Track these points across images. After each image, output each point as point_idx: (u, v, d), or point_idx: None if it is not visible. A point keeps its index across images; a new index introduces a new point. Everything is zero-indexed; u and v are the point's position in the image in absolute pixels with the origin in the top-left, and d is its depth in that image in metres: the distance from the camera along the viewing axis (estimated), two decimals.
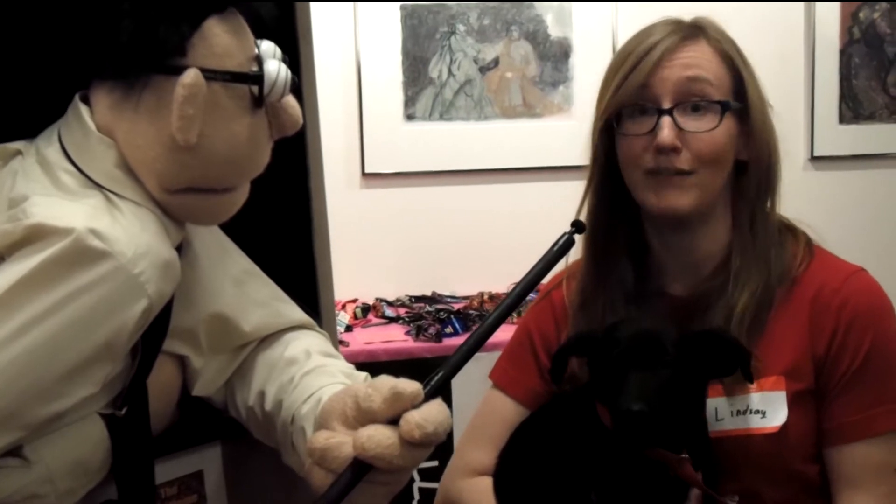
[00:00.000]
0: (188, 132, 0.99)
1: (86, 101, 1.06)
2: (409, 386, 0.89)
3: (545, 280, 1.07)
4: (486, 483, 1.27)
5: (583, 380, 1.25)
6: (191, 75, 0.99)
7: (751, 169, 1.27)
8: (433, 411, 0.89)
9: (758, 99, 1.27)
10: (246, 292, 1.20)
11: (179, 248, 1.08)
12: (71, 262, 0.93)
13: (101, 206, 0.99)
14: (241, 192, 1.10)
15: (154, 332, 1.05)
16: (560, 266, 1.38)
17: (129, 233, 0.97)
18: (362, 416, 0.91)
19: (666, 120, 1.23)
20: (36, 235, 0.94)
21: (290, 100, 1.09)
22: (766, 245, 1.26)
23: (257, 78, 1.04)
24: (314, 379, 1.10)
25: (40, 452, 0.99)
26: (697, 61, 1.24)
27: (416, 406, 0.89)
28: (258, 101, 1.05)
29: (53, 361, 0.94)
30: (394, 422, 0.89)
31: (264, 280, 1.25)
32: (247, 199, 1.25)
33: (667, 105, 1.23)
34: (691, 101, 1.23)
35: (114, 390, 1.04)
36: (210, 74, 1.00)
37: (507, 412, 1.33)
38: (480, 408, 1.44)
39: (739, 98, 1.26)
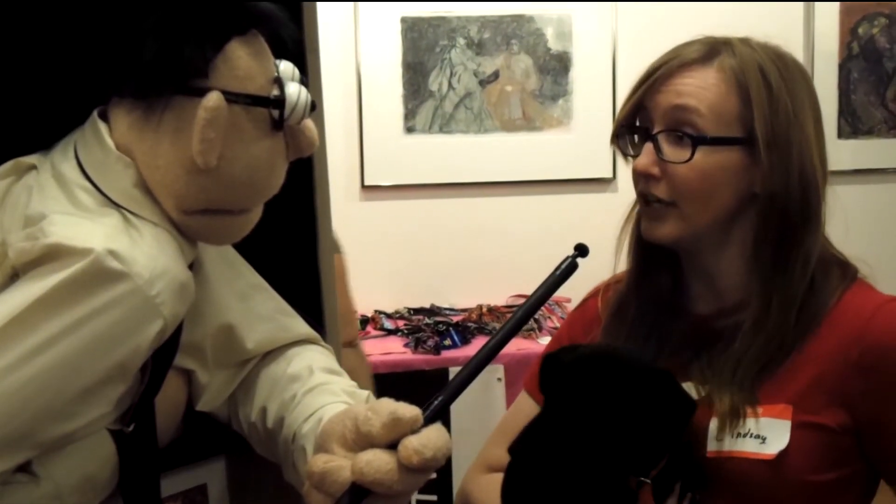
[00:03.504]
0: (209, 155, 0.99)
1: (103, 117, 1.06)
2: (409, 411, 0.89)
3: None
4: (498, 479, 1.27)
5: None
6: (213, 98, 0.98)
7: (761, 205, 1.21)
8: (432, 437, 0.88)
9: (770, 133, 1.18)
10: (251, 307, 1.19)
11: (191, 266, 1.08)
12: (89, 282, 0.93)
13: (119, 227, 0.99)
14: (256, 212, 1.10)
15: (165, 351, 1.04)
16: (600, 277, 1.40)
17: (147, 254, 0.97)
18: (361, 440, 0.91)
19: (648, 146, 1.21)
20: (54, 255, 0.93)
21: (308, 121, 1.08)
22: (793, 290, 1.20)
23: (278, 102, 1.04)
24: (316, 397, 1.10)
25: (48, 468, 0.98)
26: (692, 89, 1.19)
27: (415, 431, 0.89)
28: (278, 124, 1.05)
29: (68, 382, 0.93)
30: (394, 445, 0.89)
31: (270, 294, 1.25)
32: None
33: (655, 129, 1.21)
34: (673, 129, 1.20)
35: (122, 407, 1.04)
36: (232, 97, 1.00)
37: (530, 414, 1.32)
38: (509, 409, 1.46)
39: (750, 130, 1.19)
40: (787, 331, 1.19)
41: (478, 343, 2.96)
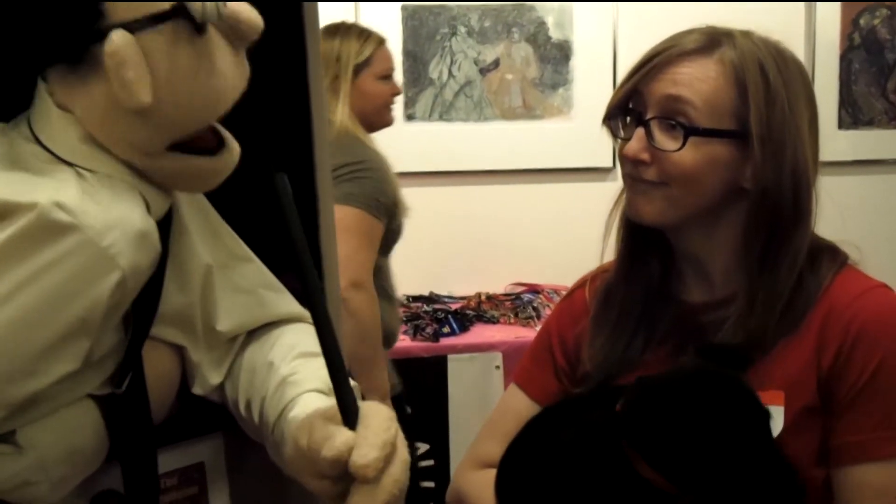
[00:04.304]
0: (137, 95, 0.95)
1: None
2: (330, 452, 0.89)
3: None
4: (491, 476, 1.27)
5: (595, 381, 1.25)
6: (114, 40, 0.94)
7: (751, 200, 1.20)
8: (361, 444, 0.89)
9: (765, 129, 1.17)
10: (230, 278, 1.17)
11: (168, 221, 1.06)
12: (36, 236, 0.90)
13: (69, 181, 0.96)
14: (229, 154, 1.06)
15: (145, 304, 1.02)
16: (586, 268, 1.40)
17: (100, 205, 0.94)
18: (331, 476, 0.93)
19: (639, 131, 1.20)
20: (2, 214, 0.91)
21: (236, 6, 1.01)
22: (780, 288, 1.19)
23: (180, 9, 0.97)
24: (284, 391, 1.08)
25: (32, 440, 0.97)
26: (689, 79, 1.19)
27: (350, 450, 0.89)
28: (199, 28, 0.98)
29: (26, 339, 0.92)
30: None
31: (254, 266, 1.21)
32: (251, 195, 1.22)
33: (648, 115, 1.21)
34: (666, 117, 1.19)
35: (107, 369, 1.03)
36: (135, 26, 0.95)
37: (521, 408, 1.33)
38: (499, 402, 1.44)
39: (744, 124, 1.18)
40: (768, 328, 1.18)
41: (476, 331, 2.97)
